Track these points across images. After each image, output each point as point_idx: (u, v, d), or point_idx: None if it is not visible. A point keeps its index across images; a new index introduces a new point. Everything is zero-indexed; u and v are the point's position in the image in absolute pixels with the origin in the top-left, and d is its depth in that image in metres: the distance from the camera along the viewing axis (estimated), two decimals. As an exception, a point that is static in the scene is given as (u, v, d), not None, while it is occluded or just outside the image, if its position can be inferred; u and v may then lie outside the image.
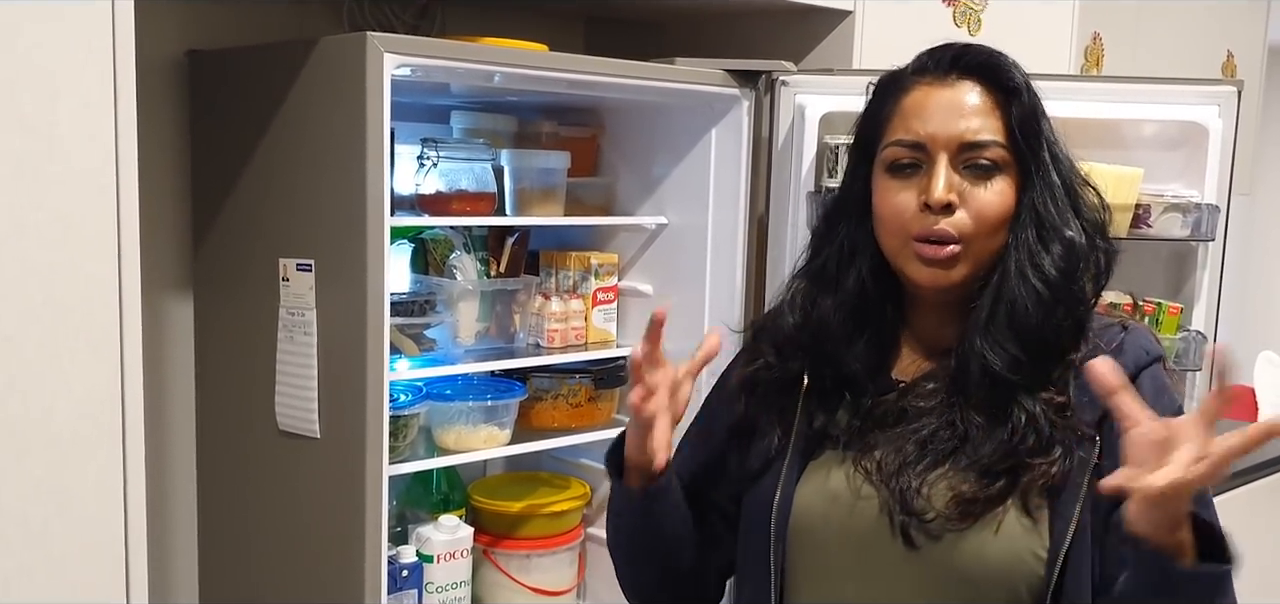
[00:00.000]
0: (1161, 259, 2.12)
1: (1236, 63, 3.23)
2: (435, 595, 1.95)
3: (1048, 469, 1.17)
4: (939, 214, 1.20)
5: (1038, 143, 1.22)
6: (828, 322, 1.28)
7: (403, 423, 1.83)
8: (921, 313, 1.29)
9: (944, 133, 1.21)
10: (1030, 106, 1.22)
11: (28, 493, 1.31)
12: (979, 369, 1.20)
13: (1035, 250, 1.20)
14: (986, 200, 1.20)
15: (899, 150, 1.23)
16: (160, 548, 1.88)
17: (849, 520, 1.22)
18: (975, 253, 1.21)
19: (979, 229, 1.20)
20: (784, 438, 1.30)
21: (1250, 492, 2.80)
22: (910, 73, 1.26)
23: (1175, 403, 1.21)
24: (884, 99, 1.26)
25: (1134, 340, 1.22)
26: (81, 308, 1.32)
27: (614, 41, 2.27)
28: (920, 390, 1.25)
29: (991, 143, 1.20)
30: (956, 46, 1.24)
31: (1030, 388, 1.19)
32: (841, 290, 1.28)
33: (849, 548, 1.23)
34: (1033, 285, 1.19)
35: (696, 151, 2.09)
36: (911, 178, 1.22)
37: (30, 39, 1.26)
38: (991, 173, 1.21)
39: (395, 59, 1.58)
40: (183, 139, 1.90)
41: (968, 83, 1.22)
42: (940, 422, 1.21)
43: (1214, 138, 1.99)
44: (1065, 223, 1.21)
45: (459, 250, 2.01)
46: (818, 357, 1.29)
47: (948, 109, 1.21)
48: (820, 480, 1.26)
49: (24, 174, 1.27)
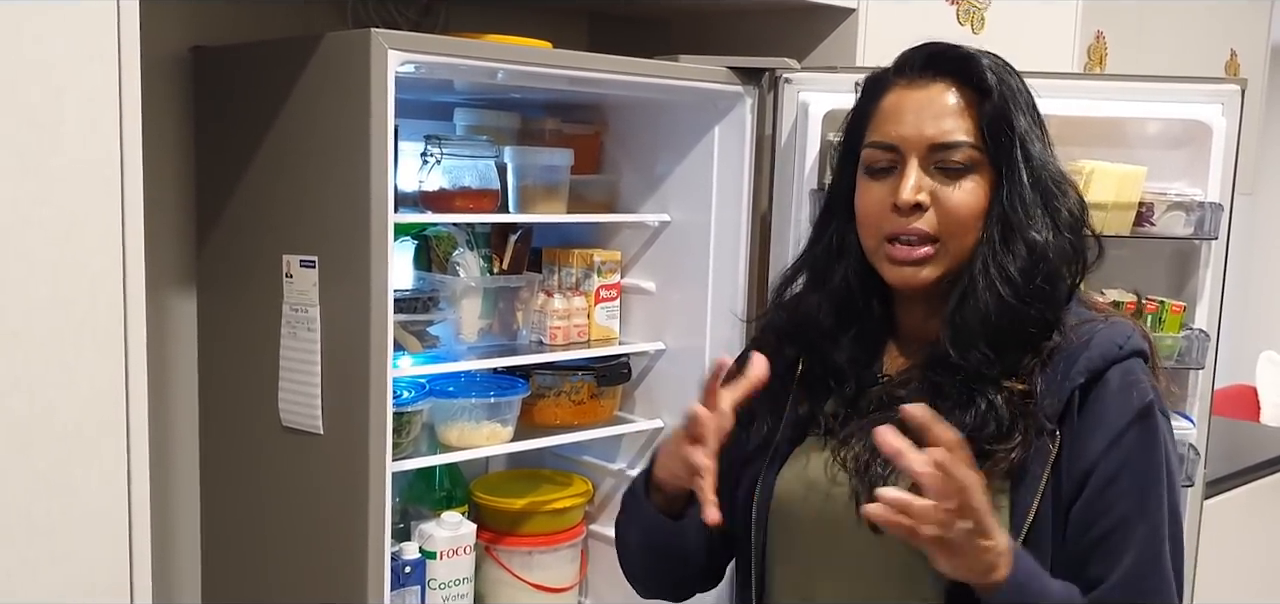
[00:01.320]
0: (1164, 257, 2.11)
1: (1239, 62, 3.23)
2: (438, 592, 1.95)
3: (1007, 456, 1.18)
4: (908, 214, 1.22)
5: (1009, 142, 1.23)
6: (814, 316, 1.32)
7: (406, 419, 1.83)
8: (907, 308, 1.32)
9: (915, 134, 1.23)
10: (1000, 106, 1.22)
11: (32, 488, 1.31)
12: (951, 366, 1.22)
13: (999, 252, 1.22)
14: (957, 200, 1.22)
15: (875, 152, 1.26)
16: (163, 543, 1.88)
17: (823, 506, 1.26)
18: (949, 252, 1.23)
19: (950, 229, 1.22)
20: (774, 426, 1.33)
21: (1250, 491, 2.80)
22: (891, 73, 1.28)
23: (1144, 398, 1.20)
24: (868, 99, 1.29)
25: (1106, 334, 1.22)
26: (86, 304, 1.32)
27: (617, 38, 2.27)
28: (902, 383, 1.28)
29: (962, 143, 1.22)
30: (932, 46, 1.26)
31: (995, 378, 1.21)
32: (829, 286, 1.31)
33: (822, 533, 1.26)
34: (996, 288, 1.21)
35: (700, 149, 2.09)
36: (886, 179, 1.25)
37: (35, 34, 1.26)
38: (963, 173, 1.23)
39: (399, 56, 1.58)
40: (187, 135, 1.90)
41: (941, 83, 1.24)
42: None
43: (1218, 136, 1.99)
44: (1031, 223, 1.22)
45: (462, 247, 2.01)
46: (805, 349, 1.33)
47: (919, 110, 1.23)
48: (800, 467, 1.30)
49: (28, 170, 1.27)
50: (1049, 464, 1.19)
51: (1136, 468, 1.19)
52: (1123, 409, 1.19)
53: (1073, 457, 1.19)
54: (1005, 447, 1.18)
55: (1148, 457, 1.20)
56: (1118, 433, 1.19)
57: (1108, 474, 1.18)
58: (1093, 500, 1.19)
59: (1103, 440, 1.19)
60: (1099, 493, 1.18)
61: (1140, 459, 1.19)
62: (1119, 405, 1.19)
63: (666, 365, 2.18)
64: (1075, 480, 1.19)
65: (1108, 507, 1.18)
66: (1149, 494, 1.19)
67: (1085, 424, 1.19)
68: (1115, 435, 1.19)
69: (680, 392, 2.13)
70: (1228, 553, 2.59)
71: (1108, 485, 1.18)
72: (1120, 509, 1.18)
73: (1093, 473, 1.19)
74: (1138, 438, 1.19)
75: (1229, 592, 2.62)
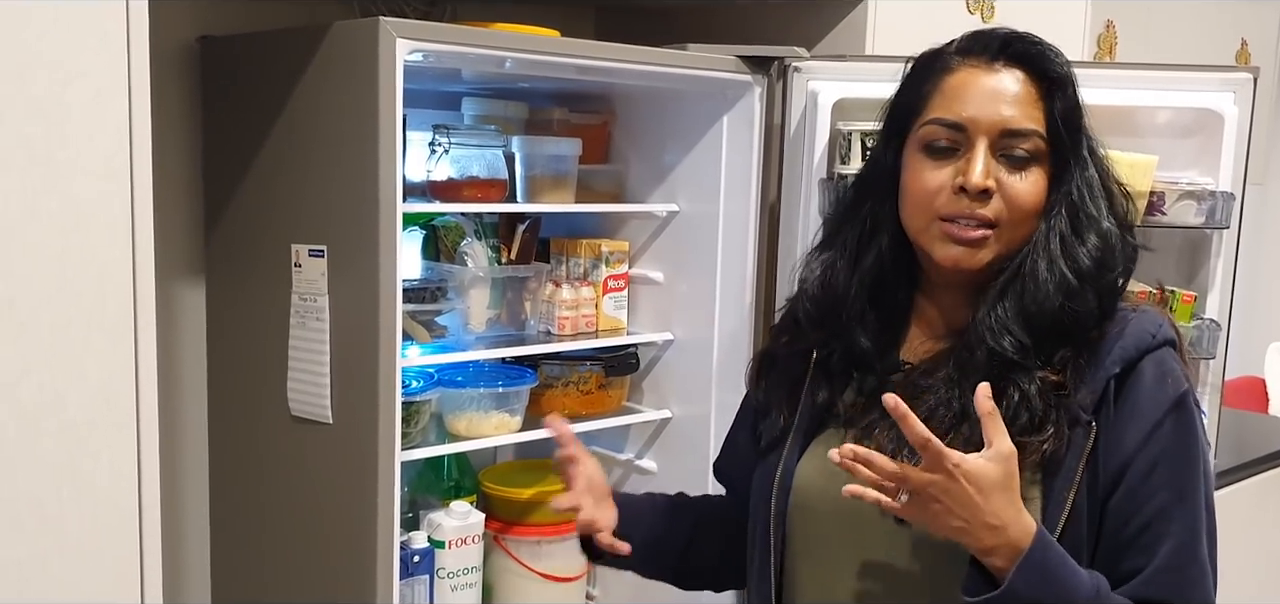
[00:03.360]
0: (1175, 247, 2.11)
1: (1250, 51, 3.22)
2: (446, 581, 1.96)
3: (1040, 447, 1.17)
4: (975, 199, 1.19)
5: (1078, 136, 1.22)
6: (844, 295, 1.29)
7: (414, 409, 1.83)
8: (935, 295, 1.29)
9: (986, 117, 1.20)
10: (1072, 100, 1.22)
11: (42, 478, 1.32)
12: (985, 350, 1.21)
13: (1068, 239, 1.20)
14: (1021, 190, 1.21)
15: (938, 129, 1.22)
16: (172, 533, 1.88)
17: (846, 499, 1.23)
18: (1003, 239, 1.21)
19: (1011, 217, 1.21)
20: (790, 416, 1.31)
21: (1259, 483, 2.79)
22: (954, 52, 1.25)
23: (1179, 388, 1.20)
24: (925, 77, 1.25)
25: (1139, 324, 1.22)
26: (94, 294, 1.32)
27: (625, 28, 2.26)
28: (926, 370, 1.26)
29: (1032, 132, 1.20)
30: (1005, 32, 1.24)
31: (1029, 367, 1.19)
32: (860, 266, 1.29)
33: (845, 523, 1.24)
34: (1062, 271, 1.19)
35: (708, 138, 2.09)
36: (947, 159, 1.22)
37: (42, 25, 1.26)
38: (1027, 163, 1.21)
39: (408, 45, 1.58)
40: (195, 125, 1.90)
41: (1013, 70, 1.22)
42: (939, 399, 1.22)
43: (1229, 125, 1.98)
44: (1101, 215, 1.22)
45: (470, 237, 2.01)
46: (830, 332, 1.30)
47: (991, 94, 1.21)
48: (820, 457, 1.27)
49: (37, 160, 1.27)
50: (1084, 456, 1.17)
51: (1173, 459, 1.18)
52: (1158, 399, 1.18)
53: (1109, 448, 1.18)
54: (1038, 438, 1.17)
55: (1184, 448, 1.19)
56: (1154, 423, 1.18)
57: (1145, 466, 1.17)
58: (1131, 493, 1.17)
59: (1139, 432, 1.18)
60: (1137, 485, 1.17)
61: (1177, 450, 1.18)
62: (1154, 396, 1.18)
63: (675, 355, 2.18)
64: (1112, 472, 1.18)
65: (1146, 499, 1.17)
66: (1186, 485, 1.18)
67: (1120, 415, 1.18)
68: (1152, 426, 1.18)
69: (688, 382, 2.13)
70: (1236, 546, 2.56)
71: (1145, 478, 1.17)
72: (1158, 501, 1.17)
73: (1130, 465, 1.17)
74: (1173, 428, 1.18)
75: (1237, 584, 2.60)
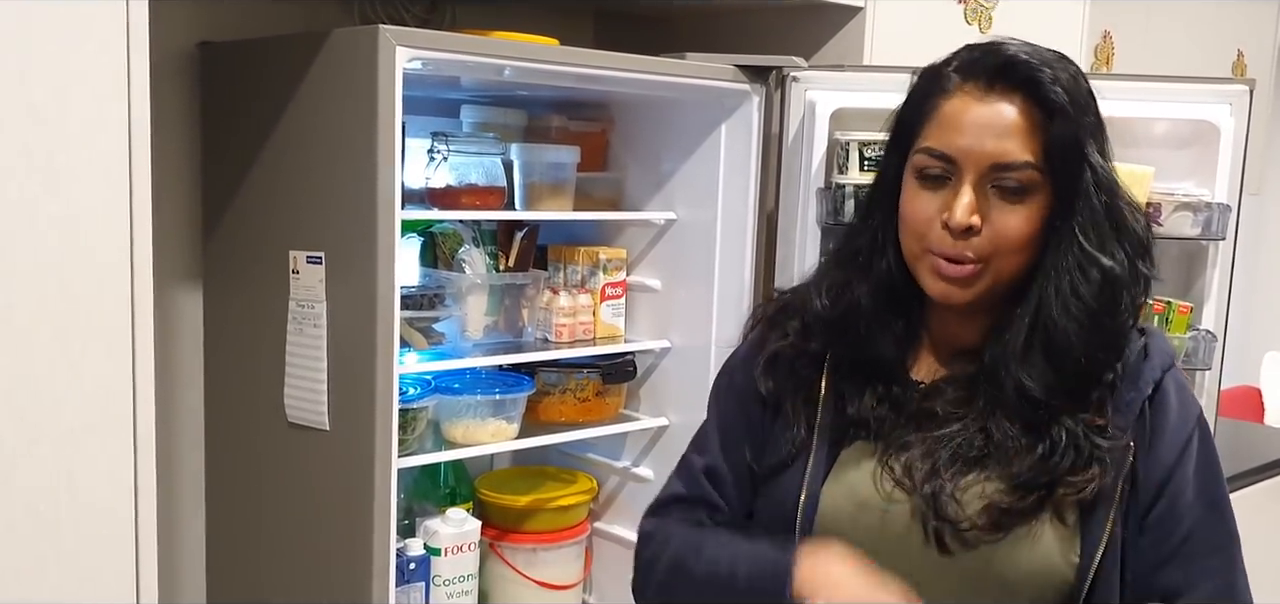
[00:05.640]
0: (1171, 258, 2.11)
1: (1246, 63, 3.23)
2: (442, 588, 1.95)
3: (1085, 485, 1.16)
4: (958, 238, 1.17)
5: (1078, 166, 1.17)
6: (860, 305, 1.26)
7: (411, 416, 1.83)
8: (941, 314, 1.27)
9: (976, 150, 1.17)
10: (1069, 128, 1.17)
11: (39, 483, 1.32)
12: (1014, 389, 1.19)
13: (1075, 279, 1.17)
14: (1010, 223, 1.17)
15: (928, 159, 1.20)
16: (169, 538, 1.88)
17: (880, 525, 1.21)
18: (993, 271, 1.19)
19: (997, 250, 1.18)
20: (808, 432, 1.27)
21: (1255, 493, 2.79)
22: (954, 72, 1.21)
23: (1197, 404, 1.22)
24: (925, 96, 1.22)
25: (1157, 344, 1.23)
26: (92, 299, 1.32)
27: (624, 36, 2.27)
28: (945, 394, 1.24)
29: (1023, 164, 1.16)
30: (1002, 57, 1.18)
31: (1070, 409, 1.18)
32: (873, 276, 1.26)
33: (880, 553, 1.19)
34: (1074, 315, 1.17)
35: (706, 147, 2.09)
36: (938, 188, 1.19)
37: (42, 30, 1.26)
38: (1021, 194, 1.17)
39: (407, 52, 1.58)
40: (194, 130, 1.90)
41: (1008, 98, 1.17)
42: (971, 428, 1.20)
43: (1226, 137, 1.98)
44: (1105, 250, 1.18)
45: (468, 244, 2.01)
46: (841, 341, 1.27)
47: (983, 126, 1.17)
48: (848, 482, 1.24)
49: (36, 165, 1.27)
50: (1123, 477, 1.18)
51: (1204, 474, 1.20)
52: (1185, 417, 1.20)
53: (1147, 467, 1.19)
54: (1084, 477, 1.16)
55: (1210, 463, 1.21)
56: (1185, 440, 1.20)
57: (1181, 482, 1.19)
58: (1170, 508, 1.19)
59: (1173, 449, 1.19)
60: (1174, 501, 1.19)
61: (1205, 465, 1.20)
62: (1180, 414, 1.20)
63: (672, 363, 2.18)
64: (1151, 490, 1.19)
65: (1185, 511, 1.18)
66: (1218, 499, 1.21)
67: (1155, 432, 1.19)
68: (1183, 443, 1.19)
69: (685, 390, 2.13)
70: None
71: (1181, 493, 1.19)
72: (1195, 514, 1.19)
73: (1168, 482, 1.19)
74: (1200, 444, 1.21)
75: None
